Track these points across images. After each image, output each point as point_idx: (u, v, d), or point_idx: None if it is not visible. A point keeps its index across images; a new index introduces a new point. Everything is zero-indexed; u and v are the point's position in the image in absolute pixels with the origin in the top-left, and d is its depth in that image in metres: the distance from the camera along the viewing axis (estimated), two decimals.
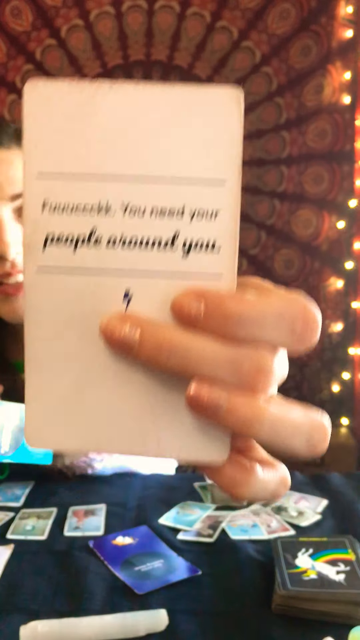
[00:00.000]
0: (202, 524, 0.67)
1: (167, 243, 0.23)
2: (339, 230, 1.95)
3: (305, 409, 0.25)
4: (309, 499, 0.73)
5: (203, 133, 0.23)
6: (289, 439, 0.24)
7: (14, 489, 0.76)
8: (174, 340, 0.23)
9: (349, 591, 0.51)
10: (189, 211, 0.23)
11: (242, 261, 2.00)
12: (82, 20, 1.89)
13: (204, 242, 0.23)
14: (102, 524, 0.67)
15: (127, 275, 0.24)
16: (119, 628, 0.49)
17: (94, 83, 0.23)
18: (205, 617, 0.51)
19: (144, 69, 1.92)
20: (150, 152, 0.23)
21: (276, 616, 0.51)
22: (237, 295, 0.23)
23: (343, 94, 1.89)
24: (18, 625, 0.49)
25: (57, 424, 0.25)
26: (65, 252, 0.23)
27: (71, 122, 0.23)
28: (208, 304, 0.23)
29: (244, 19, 1.88)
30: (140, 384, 0.24)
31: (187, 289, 0.23)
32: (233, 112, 0.23)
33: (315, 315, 0.23)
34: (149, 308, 0.24)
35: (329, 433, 0.25)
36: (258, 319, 0.22)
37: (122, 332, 0.23)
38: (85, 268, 0.24)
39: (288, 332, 0.23)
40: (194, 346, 0.23)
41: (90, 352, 0.24)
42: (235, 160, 0.23)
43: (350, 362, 2.00)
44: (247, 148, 1.93)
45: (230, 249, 0.23)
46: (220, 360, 0.23)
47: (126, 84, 0.23)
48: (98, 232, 0.23)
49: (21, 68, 1.93)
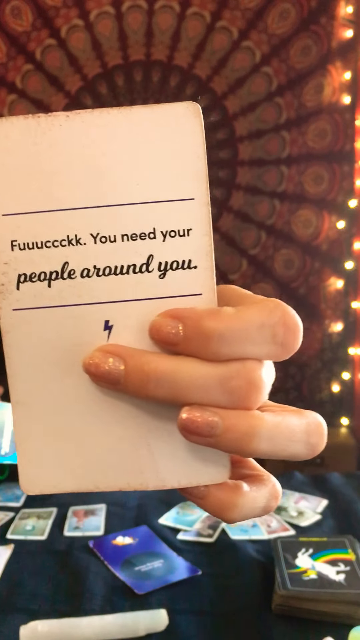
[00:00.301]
0: (202, 524, 0.67)
1: (142, 267, 0.23)
2: (339, 230, 1.95)
3: (297, 411, 0.24)
4: (309, 499, 0.73)
5: (165, 153, 0.23)
6: (289, 445, 0.23)
7: (14, 489, 0.76)
8: (159, 369, 0.22)
9: (349, 591, 0.51)
10: (160, 233, 0.23)
11: (242, 261, 2.00)
12: (82, 20, 1.89)
13: (179, 262, 0.23)
14: (102, 524, 0.67)
15: (105, 303, 0.23)
16: (119, 628, 0.49)
17: (49, 116, 0.22)
18: (205, 617, 0.51)
19: (144, 69, 1.92)
20: (114, 181, 0.23)
21: (276, 616, 0.51)
22: (214, 311, 0.22)
23: (343, 94, 1.89)
24: (18, 625, 0.49)
25: (51, 467, 0.24)
26: (39, 288, 0.23)
27: (30, 159, 0.23)
28: (186, 324, 0.22)
29: (244, 19, 1.88)
30: (131, 415, 0.24)
31: (164, 312, 0.23)
32: (193, 127, 0.22)
33: (295, 320, 0.23)
34: (132, 336, 0.23)
35: (326, 430, 0.24)
36: (240, 333, 0.22)
37: (106, 367, 0.23)
38: (62, 301, 0.23)
39: (271, 341, 0.22)
40: (181, 371, 0.22)
41: (77, 386, 0.24)
42: (202, 177, 0.23)
43: (350, 362, 2.00)
44: (247, 148, 1.93)
45: (206, 266, 0.23)
46: (209, 382, 0.22)
47: (82, 112, 0.22)
48: (71, 264, 0.23)
49: (21, 68, 1.93)
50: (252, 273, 2.01)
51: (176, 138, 0.23)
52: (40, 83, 1.93)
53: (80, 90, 1.93)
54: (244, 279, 1.99)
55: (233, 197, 1.97)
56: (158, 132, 0.23)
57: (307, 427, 0.24)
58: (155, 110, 0.23)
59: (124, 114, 0.22)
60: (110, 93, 1.93)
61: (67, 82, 1.93)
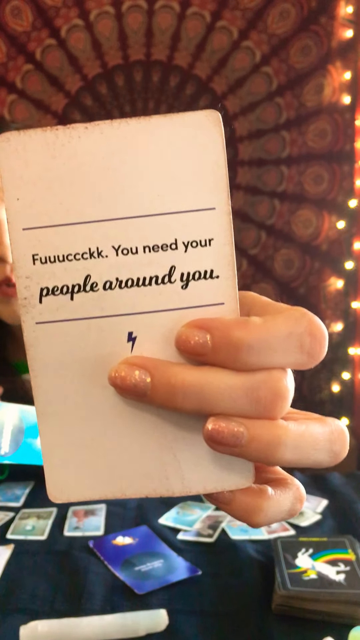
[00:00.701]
0: (202, 523, 0.67)
1: (164, 278, 0.23)
2: (339, 230, 1.95)
3: (320, 418, 0.24)
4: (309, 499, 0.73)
5: (186, 163, 0.22)
6: (313, 454, 0.23)
7: (14, 489, 0.76)
8: (186, 380, 0.22)
9: (349, 591, 0.51)
10: (182, 244, 0.23)
11: (242, 261, 2.00)
12: (82, 20, 1.89)
13: (201, 272, 0.23)
14: (102, 524, 0.67)
15: (128, 315, 0.23)
16: (119, 628, 0.49)
17: (68, 128, 0.22)
18: (205, 617, 0.51)
19: (144, 69, 1.92)
20: (134, 192, 0.22)
21: (276, 616, 0.51)
22: (242, 322, 0.22)
23: (343, 94, 1.89)
24: (18, 625, 0.49)
25: (78, 475, 0.24)
26: (62, 301, 0.23)
27: (49, 171, 0.22)
28: (214, 335, 0.22)
29: (244, 19, 1.88)
30: (155, 423, 0.24)
31: (190, 322, 0.23)
32: (213, 136, 0.22)
33: (322, 329, 0.23)
34: (155, 346, 0.23)
35: (348, 437, 0.24)
36: (268, 343, 0.22)
37: (132, 379, 0.22)
38: (85, 314, 0.23)
39: (298, 350, 0.22)
40: (207, 382, 0.22)
41: (101, 397, 0.24)
42: (223, 186, 0.23)
43: (350, 362, 2.00)
44: (247, 148, 1.93)
45: (228, 275, 0.23)
46: (236, 392, 0.22)
47: (100, 123, 0.22)
48: (93, 277, 0.23)
49: (21, 68, 1.93)
50: (252, 273, 2.01)
51: (196, 147, 0.22)
52: (40, 83, 1.93)
53: (80, 90, 1.93)
54: (244, 279, 1.99)
55: (233, 197, 1.97)
56: (177, 141, 0.22)
57: (330, 435, 0.24)
58: (174, 119, 0.22)
59: (142, 124, 0.22)
60: (110, 93, 1.93)
61: (67, 82, 1.93)
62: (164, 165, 0.22)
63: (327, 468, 0.30)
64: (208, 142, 0.22)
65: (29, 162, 0.22)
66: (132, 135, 0.22)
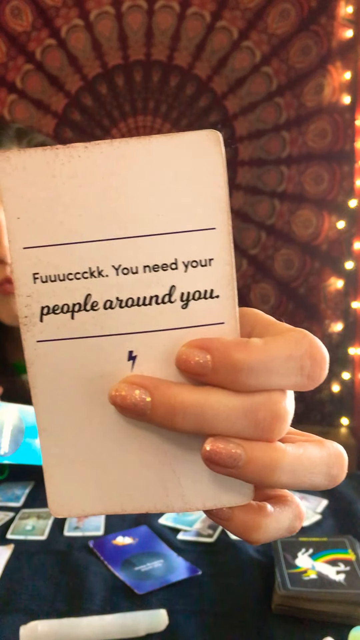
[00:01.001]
0: (202, 523, 0.67)
1: (164, 298, 0.23)
2: (339, 230, 1.95)
3: (318, 441, 0.24)
4: (309, 499, 0.73)
5: (186, 183, 0.22)
6: (309, 477, 0.23)
7: (14, 489, 0.76)
8: (186, 401, 0.22)
9: (349, 591, 0.51)
10: (182, 263, 0.23)
11: (242, 261, 2.00)
12: (82, 20, 1.89)
13: (201, 292, 0.23)
14: (102, 523, 0.67)
15: (128, 334, 0.23)
16: (119, 628, 0.49)
17: (68, 147, 0.22)
18: (205, 617, 0.51)
19: (144, 69, 1.92)
20: (134, 212, 0.23)
21: (276, 616, 0.51)
22: (242, 343, 0.22)
23: (343, 94, 1.89)
24: (18, 625, 0.49)
25: (78, 491, 0.25)
26: (63, 320, 0.23)
27: (50, 190, 0.22)
28: (214, 355, 0.22)
29: (244, 19, 1.88)
30: (156, 440, 0.24)
31: (190, 342, 0.23)
32: (214, 156, 0.22)
33: (322, 352, 0.23)
34: (155, 365, 0.23)
35: (347, 461, 0.24)
36: (268, 365, 0.22)
37: (132, 399, 0.23)
38: (85, 332, 0.23)
39: (298, 373, 0.22)
40: (207, 403, 0.22)
41: (102, 414, 0.24)
42: (223, 206, 0.23)
43: (350, 362, 2.00)
44: (247, 148, 1.93)
45: (229, 295, 0.23)
46: (235, 414, 0.22)
47: (101, 143, 0.22)
48: (93, 296, 0.23)
49: (21, 68, 1.93)
50: (252, 273, 2.01)
51: (196, 167, 0.22)
52: (40, 83, 1.93)
53: (80, 90, 1.93)
54: (244, 279, 1.99)
55: (233, 197, 1.97)
56: (178, 161, 0.22)
57: (328, 459, 0.24)
58: (175, 139, 0.22)
59: (142, 144, 0.22)
60: (110, 93, 1.93)
61: (67, 82, 1.93)
62: (164, 185, 0.22)
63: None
64: (208, 162, 0.22)
65: (29, 181, 0.22)
66: (132, 155, 0.22)
